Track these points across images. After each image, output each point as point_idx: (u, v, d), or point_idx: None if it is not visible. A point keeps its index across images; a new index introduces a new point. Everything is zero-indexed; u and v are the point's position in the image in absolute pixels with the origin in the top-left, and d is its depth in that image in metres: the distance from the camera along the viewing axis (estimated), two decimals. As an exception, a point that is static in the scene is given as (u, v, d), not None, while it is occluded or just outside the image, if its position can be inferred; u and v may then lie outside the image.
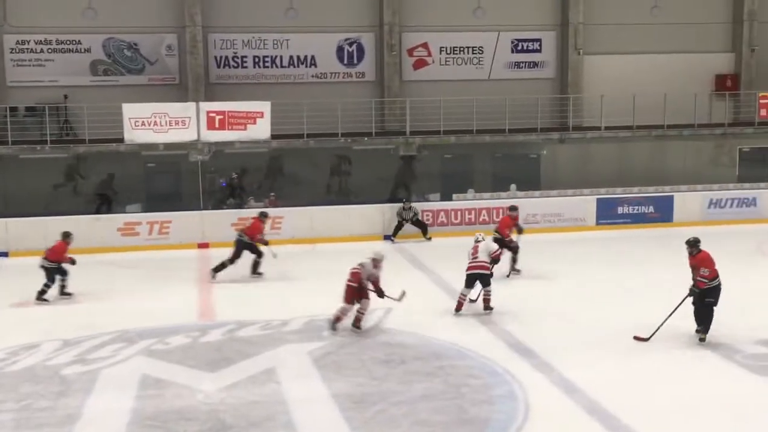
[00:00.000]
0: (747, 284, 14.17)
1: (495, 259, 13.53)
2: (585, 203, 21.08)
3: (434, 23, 24.03)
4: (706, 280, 11.26)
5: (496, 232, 15.77)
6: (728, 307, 13.08)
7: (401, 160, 22.86)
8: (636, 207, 21.07)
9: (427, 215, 20.18)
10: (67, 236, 14.64)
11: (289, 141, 21.59)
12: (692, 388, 9.98)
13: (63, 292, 14.53)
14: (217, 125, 20.03)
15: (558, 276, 15.62)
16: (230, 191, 21.52)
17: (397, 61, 23.87)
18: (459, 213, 20.34)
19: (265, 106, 20.29)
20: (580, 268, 16.62)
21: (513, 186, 22.07)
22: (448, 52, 24.39)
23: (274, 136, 20.60)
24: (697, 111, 23.66)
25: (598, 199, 21.11)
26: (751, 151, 24.18)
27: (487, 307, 12.97)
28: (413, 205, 20.04)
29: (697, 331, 11.51)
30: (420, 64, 24.34)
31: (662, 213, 21.08)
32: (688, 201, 21.38)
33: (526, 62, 24.85)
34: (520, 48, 24.79)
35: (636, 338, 11.58)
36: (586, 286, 15.17)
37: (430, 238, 19.76)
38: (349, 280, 12.26)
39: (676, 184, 22.16)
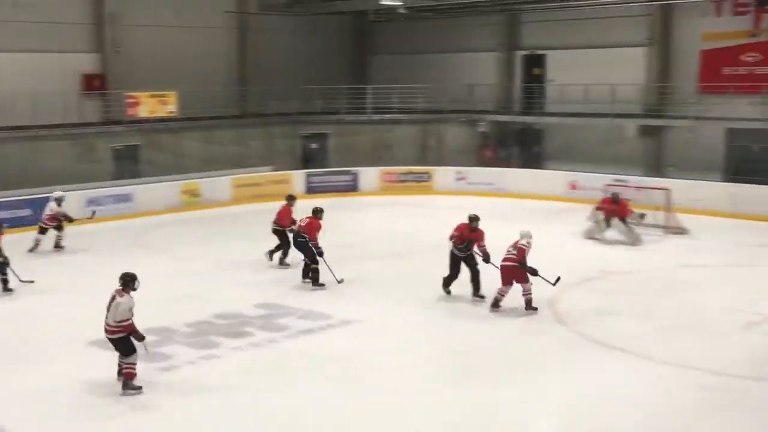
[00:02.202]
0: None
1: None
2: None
3: None
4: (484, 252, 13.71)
5: (301, 236, 14.97)
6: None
7: None
8: (13, 210, 20.31)
9: None
10: None
11: None
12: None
13: None
14: None
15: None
16: None
17: None
18: None
19: None
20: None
21: None
22: None
23: None
24: (69, 110, 23.70)
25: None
26: (124, 149, 25.03)
27: (126, 384, 9.90)
28: None
29: (479, 295, 13.72)
30: None
31: (37, 214, 20.64)
32: (70, 201, 21.24)
33: None
34: None
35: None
36: None
37: None
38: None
39: (55, 185, 21.89)
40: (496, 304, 13.19)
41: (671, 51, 26.06)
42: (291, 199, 16.72)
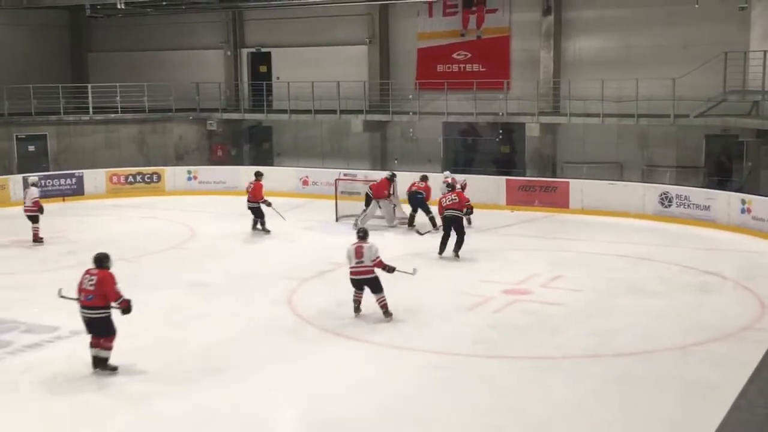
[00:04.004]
0: None
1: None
2: None
3: None
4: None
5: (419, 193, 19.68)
6: None
7: None
8: None
9: None
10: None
11: None
12: None
13: None
14: None
15: None
16: None
17: None
18: None
19: None
20: None
21: None
22: None
23: None
24: None
25: None
26: None
27: (386, 313, 12.59)
28: None
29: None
30: None
31: None
32: None
33: None
34: None
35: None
36: None
37: None
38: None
39: None
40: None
41: (391, 49, 27.33)
42: (260, 175, 19.97)
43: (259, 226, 19.66)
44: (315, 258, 16.81)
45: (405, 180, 22.01)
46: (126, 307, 10.32)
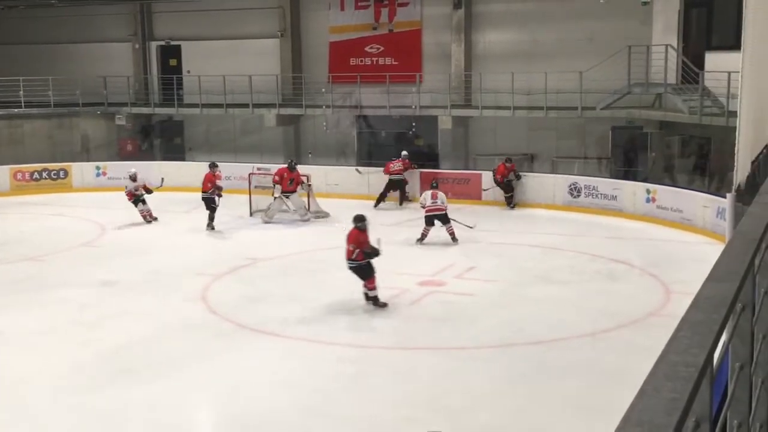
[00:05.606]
0: None
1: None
2: None
3: None
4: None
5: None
6: None
7: None
8: None
9: None
10: None
11: None
12: None
13: None
14: None
15: None
16: None
17: None
18: None
19: None
20: None
21: None
22: None
23: None
24: None
25: None
26: None
27: (454, 238, 16.98)
28: None
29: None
30: None
31: None
32: None
33: None
34: None
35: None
36: None
37: None
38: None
39: None
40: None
41: (303, 43, 27.21)
42: (214, 166, 19.52)
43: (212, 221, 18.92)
44: (229, 253, 16.66)
45: (318, 174, 22.00)
46: (371, 254, 12.43)
